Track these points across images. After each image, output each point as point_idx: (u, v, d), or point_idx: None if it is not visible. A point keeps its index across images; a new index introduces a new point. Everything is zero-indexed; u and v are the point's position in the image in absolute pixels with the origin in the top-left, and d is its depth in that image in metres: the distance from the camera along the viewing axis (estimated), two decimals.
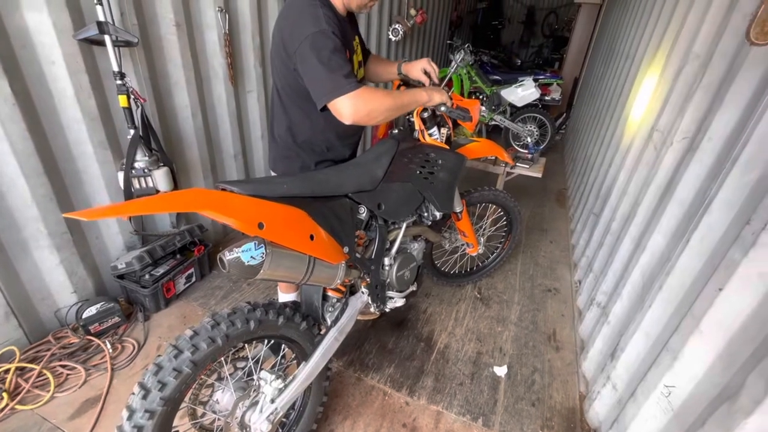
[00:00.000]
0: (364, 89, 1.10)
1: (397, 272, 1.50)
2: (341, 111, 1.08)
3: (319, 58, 1.06)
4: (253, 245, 0.96)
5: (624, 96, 2.62)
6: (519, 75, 5.08)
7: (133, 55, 1.79)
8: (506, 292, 2.36)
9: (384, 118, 1.16)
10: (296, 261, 1.07)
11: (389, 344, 1.89)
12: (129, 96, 1.67)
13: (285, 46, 1.14)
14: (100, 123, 1.73)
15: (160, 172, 1.80)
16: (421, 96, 1.31)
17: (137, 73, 1.83)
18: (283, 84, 1.27)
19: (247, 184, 1.02)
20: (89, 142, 1.71)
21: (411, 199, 1.48)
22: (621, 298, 1.60)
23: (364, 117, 1.11)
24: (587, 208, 2.81)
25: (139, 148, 1.76)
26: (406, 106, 1.24)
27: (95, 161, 1.75)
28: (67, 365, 1.60)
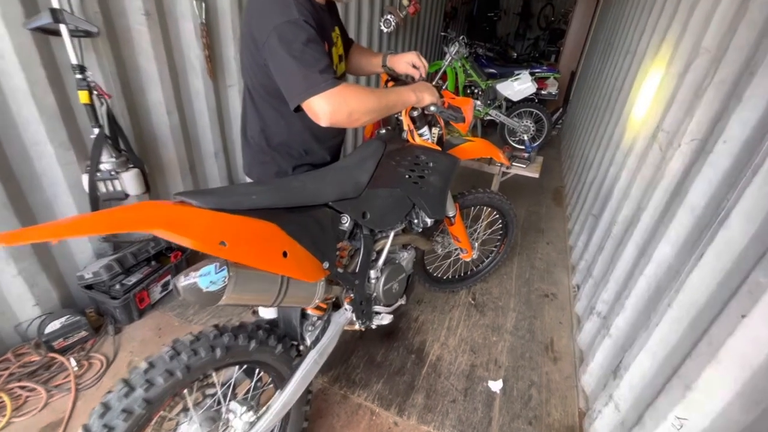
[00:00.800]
0: (343, 87, 0.96)
1: (385, 285, 1.38)
2: (317, 112, 0.95)
3: (290, 51, 0.92)
4: (214, 268, 0.84)
5: (624, 92, 2.51)
6: (515, 68, 4.95)
7: (97, 46, 1.64)
8: (501, 297, 2.26)
9: (367, 120, 1.04)
10: (266, 282, 0.95)
11: (378, 357, 1.78)
12: (91, 92, 1.52)
13: (253, 39, 1.00)
14: (61, 121, 1.58)
15: (128, 175, 1.66)
16: (408, 96, 1.18)
17: (102, 67, 1.68)
18: (253, 82, 1.13)
19: (209, 195, 0.89)
20: (49, 143, 1.56)
21: (399, 206, 1.36)
22: (624, 309, 1.50)
23: (344, 119, 0.98)
24: (586, 209, 2.71)
25: (105, 149, 1.61)
26: (392, 107, 1.12)
27: (56, 163, 1.60)
28: (26, 386, 1.47)
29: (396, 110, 1.15)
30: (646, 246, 1.49)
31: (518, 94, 4.51)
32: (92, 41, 1.63)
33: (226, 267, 0.85)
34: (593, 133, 3.21)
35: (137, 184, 1.70)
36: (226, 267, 0.85)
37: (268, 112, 1.17)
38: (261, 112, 1.18)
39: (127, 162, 1.69)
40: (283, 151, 1.23)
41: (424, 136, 1.45)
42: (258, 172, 1.28)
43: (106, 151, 1.62)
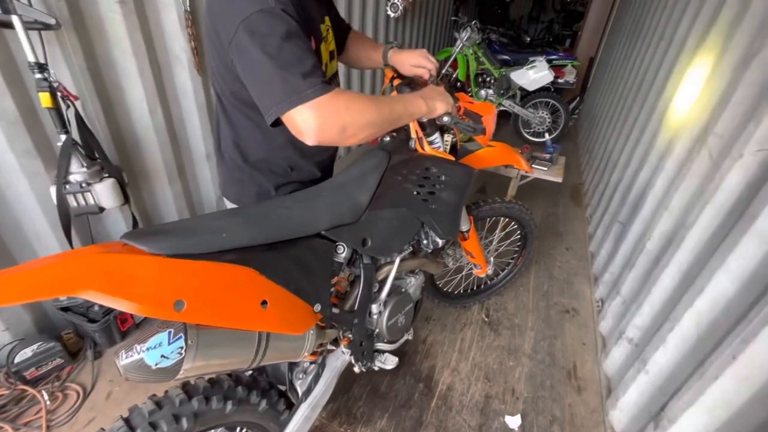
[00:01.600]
0: (335, 95, 0.75)
1: (389, 320, 1.20)
2: (301, 127, 0.75)
3: (264, 48, 0.72)
4: (167, 336, 0.66)
5: (659, 84, 2.25)
6: (529, 54, 4.65)
7: (63, 40, 1.45)
8: (518, 314, 2.07)
9: (365, 136, 0.83)
10: (238, 344, 0.77)
11: (382, 387, 1.61)
12: (54, 93, 1.33)
13: (218, 36, 0.80)
14: (23, 127, 1.40)
15: (102, 186, 1.48)
16: (417, 106, 0.96)
17: (70, 63, 1.49)
18: (222, 88, 0.93)
19: (165, 235, 0.70)
20: (10, 151, 1.38)
21: (406, 227, 1.16)
22: (665, 345, 1.30)
23: (335, 136, 0.77)
24: (610, 213, 2.48)
25: (75, 157, 1.43)
26: (397, 120, 0.90)
27: (21, 174, 1.43)
28: None
29: (402, 123, 0.94)
30: (695, 274, 1.28)
31: (534, 83, 4.22)
32: (57, 34, 1.43)
33: (182, 334, 0.67)
34: (618, 128, 2.94)
35: (113, 196, 1.52)
36: (183, 334, 0.67)
37: (242, 124, 0.97)
38: (234, 123, 0.98)
39: (101, 171, 1.51)
40: (263, 168, 1.04)
41: (434, 145, 1.24)
42: (235, 192, 1.09)
43: (76, 159, 1.44)
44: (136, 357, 0.63)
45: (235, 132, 1.00)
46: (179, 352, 0.66)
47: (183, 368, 0.66)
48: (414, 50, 1.22)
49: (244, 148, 1.01)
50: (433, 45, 5.51)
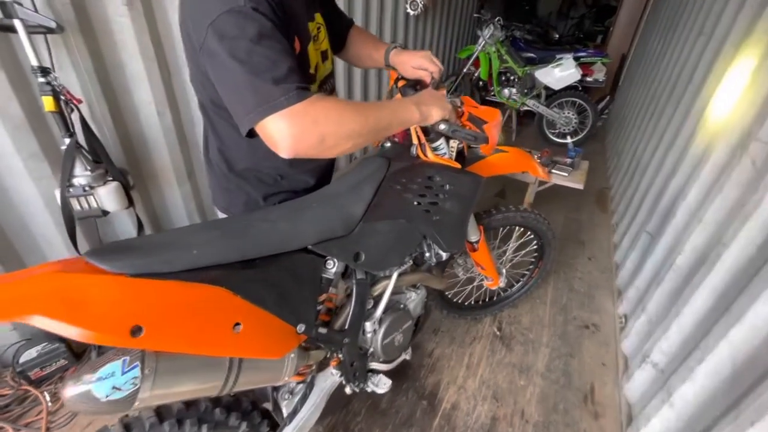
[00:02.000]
0: (312, 102, 0.68)
1: (384, 339, 1.12)
2: (274, 138, 0.68)
3: (233, 53, 0.66)
4: (120, 366, 0.61)
5: (695, 83, 2.06)
6: (557, 52, 4.44)
7: (69, 43, 1.45)
8: (532, 328, 1.95)
9: (348, 147, 0.75)
10: (204, 372, 0.71)
11: (383, 403, 1.54)
12: (57, 97, 1.33)
13: (191, 40, 0.74)
14: (30, 131, 1.41)
15: (105, 189, 1.48)
16: (409, 113, 0.87)
17: (77, 66, 1.49)
18: (203, 95, 0.88)
19: (128, 252, 0.66)
20: (17, 155, 1.40)
21: (404, 240, 1.08)
22: (693, 377, 1.16)
23: (313, 147, 0.70)
24: (638, 222, 2.30)
25: (79, 161, 1.43)
26: (386, 129, 0.82)
27: (28, 177, 1.44)
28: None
29: (392, 132, 0.85)
30: (731, 298, 1.14)
31: (560, 81, 4.03)
32: (64, 38, 1.43)
33: (139, 362, 0.62)
34: (649, 129, 2.74)
35: (116, 200, 1.52)
36: (140, 362, 0.62)
37: (225, 132, 0.92)
38: (217, 131, 0.93)
39: (105, 175, 1.50)
40: (250, 177, 0.99)
41: (439, 151, 1.15)
42: (223, 200, 1.05)
43: (80, 163, 1.44)
44: (83, 388, 0.58)
45: (219, 140, 0.95)
46: (133, 382, 0.61)
47: (139, 399, 0.62)
48: (417, 51, 1.13)
49: (230, 156, 0.97)
50: (455, 43, 5.37)
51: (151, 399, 0.63)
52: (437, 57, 1.19)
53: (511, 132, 4.73)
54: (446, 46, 5.10)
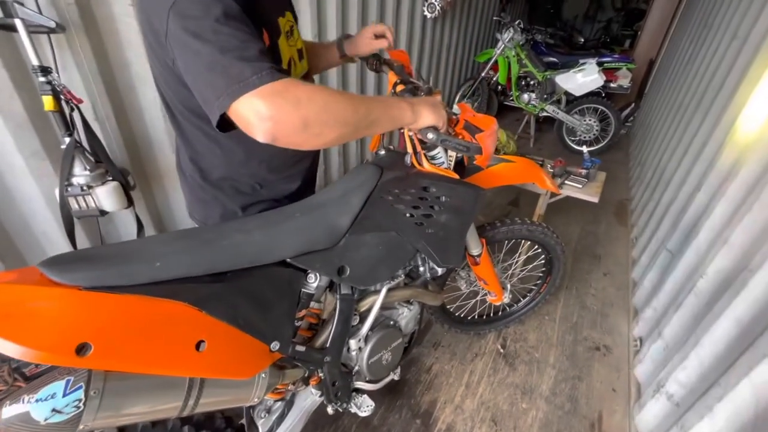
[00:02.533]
0: (291, 82, 0.61)
1: (371, 357, 1.06)
2: (249, 120, 0.59)
3: (198, 34, 0.60)
4: (62, 386, 0.57)
5: (726, 91, 1.92)
6: (580, 57, 4.29)
7: (73, 43, 1.45)
8: (539, 347, 1.84)
9: (334, 137, 0.66)
10: (159, 393, 0.67)
11: (374, 419, 1.48)
12: (58, 97, 1.34)
13: (153, 31, 0.69)
14: (32, 129, 1.41)
15: (103, 189, 1.47)
16: (401, 111, 0.79)
17: (80, 66, 1.50)
18: (171, 98, 0.83)
19: (85, 263, 0.62)
20: (18, 153, 1.40)
21: (394, 254, 1.02)
22: (712, 416, 1.05)
23: (295, 131, 0.61)
24: (658, 237, 2.16)
25: (78, 160, 1.43)
26: (374, 124, 0.74)
27: (29, 176, 1.45)
28: None
29: (380, 129, 0.78)
30: (757, 332, 1.02)
31: (581, 87, 3.89)
32: (68, 38, 1.44)
33: (83, 384, 0.58)
34: (675, 139, 2.59)
35: (115, 200, 1.51)
36: (84, 383, 0.58)
37: (197, 138, 0.87)
38: (188, 137, 0.88)
39: (104, 174, 1.50)
40: (227, 186, 0.93)
41: (436, 160, 1.09)
42: (200, 212, 1.00)
43: (80, 162, 1.44)
44: (21, 410, 0.55)
45: (191, 147, 0.90)
46: (76, 405, 0.57)
47: (83, 422, 0.58)
48: (366, 27, 1.14)
49: (203, 165, 0.91)
50: (473, 47, 5.27)
51: (97, 422, 0.59)
52: (455, 61, 1.14)
53: (529, 138, 4.59)
54: (464, 50, 5.00)
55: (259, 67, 0.59)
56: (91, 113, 1.55)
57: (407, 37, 3.55)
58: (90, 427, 0.59)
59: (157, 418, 0.71)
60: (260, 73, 0.59)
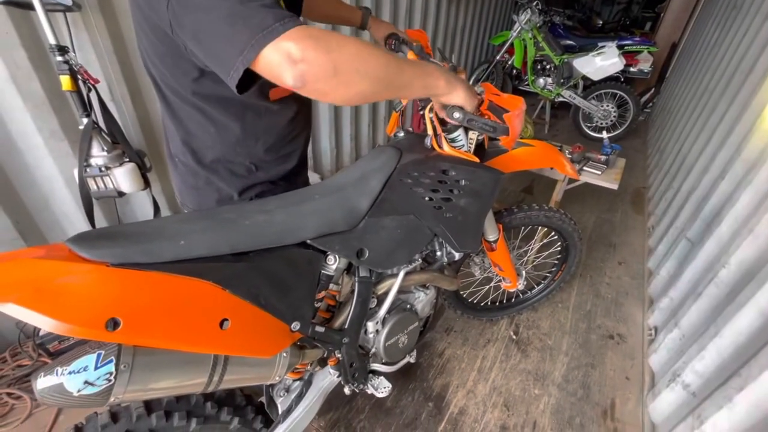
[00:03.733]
0: (318, 28, 0.58)
1: (388, 340, 1.07)
2: (279, 64, 0.55)
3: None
4: (94, 360, 0.58)
5: (756, 75, 1.85)
6: (599, 40, 4.16)
7: (89, 22, 1.45)
8: (552, 334, 1.84)
9: (363, 89, 0.62)
10: (186, 369, 0.68)
11: (388, 401, 1.50)
12: (75, 76, 1.34)
13: (148, 3, 0.65)
14: (50, 109, 1.43)
15: (121, 170, 1.49)
16: (436, 80, 0.74)
17: (96, 46, 1.49)
18: (161, 74, 0.78)
19: (111, 241, 0.62)
20: (38, 133, 1.42)
21: (413, 238, 1.01)
22: (732, 407, 1.04)
23: (325, 77, 0.57)
24: (677, 226, 2.12)
25: (96, 141, 1.44)
26: (406, 86, 0.69)
27: (48, 155, 1.47)
28: (13, 393, 1.41)
29: (411, 93, 0.73)
30: None
31: (600, 71, 3.77)
32: (84, 17, 1.43)
33: (113, 358, 0.59)
34: (698, 126, 2.51)
35: (132, 181, 1.53)
36: (115, 357, 0.59)
37: (190, 117, 0.83)
38: (180, 118, 0.83)
39: (121, 156, 1.51)
40: (221, 170, 0.89)
41: (456, 143, 1.06)
42: (192, 200, 0.95)
43: (97, 143, 1.45)
44: (55, 381, 0.56)
45: (183, 129, 0.85)
46: (107, 378, 0.58)
47: (113, 395, 0.59)
48: (389, 24, 1.24)
49: (196, 147, 0.87)
50: (488, 29, 5.13)
51: (127, 395, 0.61)
52: (469, 43, 1.13)
53: (544, 124, 4.50)
54: (479, 32, 4.87)
55: (280, 14, 0.56)
56: (107, 94, 1.56)
57: (422, 18, 3.46)
58: (120, 399, 0.61)
59: (183, 393, 0.72)
60: (282, 20, 0.56)
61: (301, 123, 0.97)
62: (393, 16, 3.07)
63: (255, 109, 0.85)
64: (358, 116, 3.16)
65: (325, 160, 2.95)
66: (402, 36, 1.24)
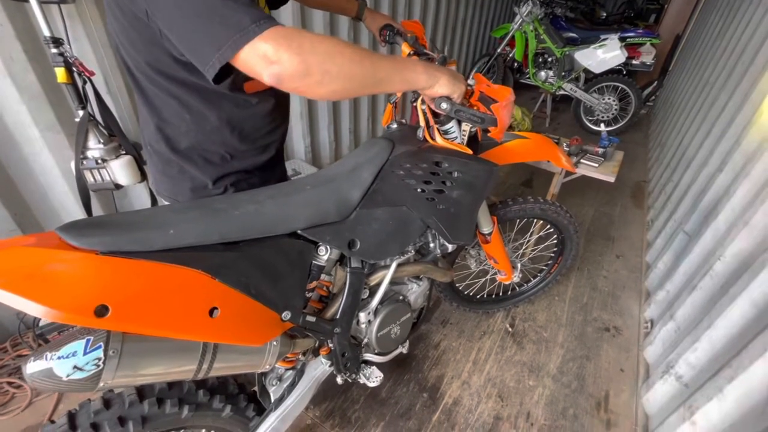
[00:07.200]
0: (292, 28, 0.60)
1: (380, 330, 1.08)
2: (255, 64, 0.58)
3: None
4: (83, 345, 0.59)
5: (757, 67, 1.83)
6: (601, 32, 4.11)
7: (83, 13, 1.44)
8: (548, 326, 1.85)
9: (337, 88, 0.64)
10: (175, 356, 0.69)
11: (383, 391, 1.51)
12: (70, 68, 1.34)
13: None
14: (46, 102, 1.43)
15: (118, 163, 1.49)
16: (414, 74, 0.76)
17: (91, 38, 1.49)
18: (135, 59, 0.76)
19: (100, 230, 0.63)
20: (34, 126, 1.43)
21: (405, 229, 1.02)
22: (722, 397, 1.05)
23: (298, 76, 0.59)
24: (675, 219, 2.12)
25: (92, 133, 1.45)
26: (383, 81, 0.70)
27: (45, 148, 1.48)
28: (14, 382, 1.43)
29: (389, 88, 0.73)
30: None
31: (601, 64, 3.74)
32: (78, 9, 1.43)
33: (101, 344, 0.60)
34: (698, 119, 2.49)
35: (129, 173, 1.53)
36: (104, 343, 0.60)
37: (164, 103, 0.82)
38: (153, 104, 0.82)
39: (118, 148, 1.52)
40: (195, 157, 0.88)
41: (449, 135, 1.06)
42: (167, 189, 0.95)
43: (94, 136, 1.45)
44: (44, 366, 0.57)
45: (156, 115, 0.83)
46: (96, 363, 0.59)
47: (102, 380, 0.60)
48: (386, 15, 1.23)
49: (170, 134, 0.85)
50: (489, 21, 5.09)
51: (116, 380, 0.62)
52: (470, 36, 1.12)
53: (545, 118, 4.47)
54: (480, 25, 4.83)
55: (257, 15, 0.58)
56: (103, 86, 1.56)
57: (421, 11, 3.44)
58: (110, 385, 0.62)
59: (173, 380, 0.73)
60: (258, 21, 0.57)
61: (278, 117, 0.97)
62: (392, 9, 3.04)
63: (231, 99, 0.85)
64: (357, 109, 3.16)
65: (324, 153, 2.95)
66: (397, 27, 1.24)
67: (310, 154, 2.80)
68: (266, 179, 1.01)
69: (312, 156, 2.84)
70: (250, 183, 0.97)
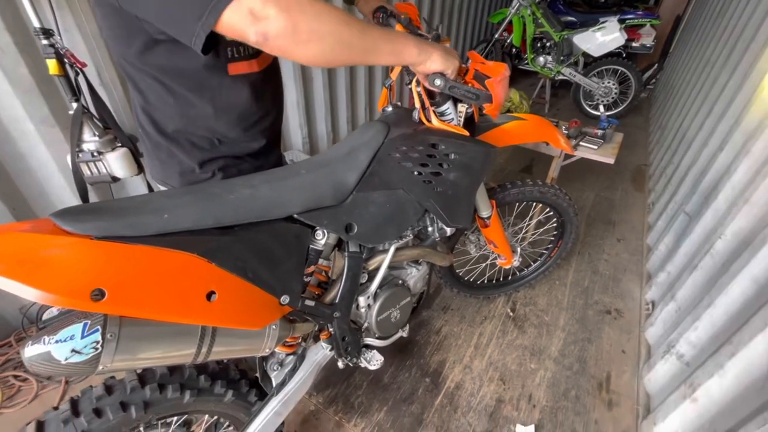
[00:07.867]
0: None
1: (380, 314, 1.08)
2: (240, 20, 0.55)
3: None
4: (80, 329, 0.59)
5: (758, 44, 1.80)
6: (600, 15, 4.05)
7: (73, 4, 1.42)
8: (549, 310, 1.85)
9: (323, 50, 0.62)
10: (173, 340, 0.69)
11: (385, 377, 1.52)
12: (62, 60, 1.32)
13: None
14: (40, 95, 1.42)
15: (114, 155, 1.48)
16: (405, 47, 0.74)
17: (82, 29, 1.47)
18: (117, 47, 0.77)
19: (95, 215, 0.63)
20: (29, 120, 1.42)
21: (402, 212, 1.01)
22: (723, 373, 1.05)
23: (284, 32, 0.56)
24: (676, 201, 2.11)
25: (87, 126, 1.44)
26: (371, 50, 0.68)
27: (41, 142, 1.47)
28: (19, 375, 1.44)
29: (377, 58, 0.71)
30: None
31: (601, 47, 3.69)
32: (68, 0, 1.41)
33: (99, 327, 0.60)
34: (698, 100, 2.46)
35: (125, 166, 1.52)
36: (101, 327, 0.60)
37: (149, 88, 0.81)
38: (140, 88, 0.82)
39: (113, 141, 1.51)
40: (182, 141, 0.88)
41: (445, 117, 1.05)
42: (159, 173, 0.95)
43: (89, 128, 1.44)
44: (43, 349, 0.57)
45: (143, 99, 0.83)
46: (94, 346, 0.59)
47: (101, 363, 0.60)
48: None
49: (157, 117, 0.85)
50: (487, 6, 5.02)
51: (115, 364, 0.62)
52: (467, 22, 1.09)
53: (544, 104, 4.43)
54: (477, 10, 4.77)
55: None
56: (96, 78, 1.55)
57: None
58: (109, 368, 0.62)
59: (173, 364, 0.74)
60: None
61: (266, 104, 0.96)
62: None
63: (214, 83, 0.84)
64: (354, 99, 3.13)
65: (321, 144, 2.93)
66: (390, 9, 1.22)
67: (308, 144, 2.79)
68: (259, 166, 1.00)
69: (309, 147, 2.82)
70: (240, 169, 0.96)
